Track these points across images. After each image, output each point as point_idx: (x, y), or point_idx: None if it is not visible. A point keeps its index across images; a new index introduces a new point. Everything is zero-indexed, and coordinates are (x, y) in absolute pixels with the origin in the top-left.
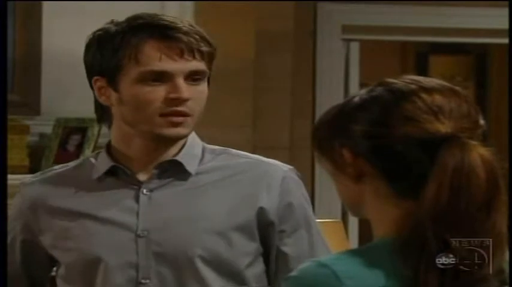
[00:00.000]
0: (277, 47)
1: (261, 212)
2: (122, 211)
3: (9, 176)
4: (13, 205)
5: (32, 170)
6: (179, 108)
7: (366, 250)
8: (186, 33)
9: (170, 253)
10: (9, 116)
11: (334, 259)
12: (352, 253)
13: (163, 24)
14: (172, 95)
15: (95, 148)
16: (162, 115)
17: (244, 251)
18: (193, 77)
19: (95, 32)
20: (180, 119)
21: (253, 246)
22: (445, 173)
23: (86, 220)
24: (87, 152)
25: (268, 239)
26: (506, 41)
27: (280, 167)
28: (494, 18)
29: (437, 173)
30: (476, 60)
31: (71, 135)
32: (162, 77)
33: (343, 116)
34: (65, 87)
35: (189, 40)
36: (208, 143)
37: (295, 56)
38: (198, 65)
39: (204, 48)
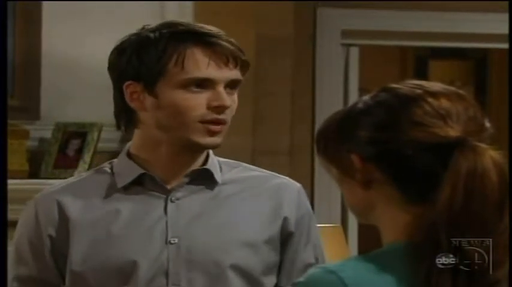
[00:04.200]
0: (276, 51)
1: (285, 223)
2: (151, 218)
3: (9, 181)
4: (26, 217)
5: (32, 175)
6: (220, 117)
7: (375, 256)
8: (227, 41)
9: (201, 260)
10: (9, 121)
11: (342, 265)
12: (361, 259)
13: (206, 32)
14: (215, 103)
15: (95, 152)
16: (201, 122)
17: (270, 263)
18: (231, 85)
19: (129, 36)
20: (218, 127)
21: (277, 257)
22: (459, 177)
23: (115, 229)
24: (87, 157)
25: (285, 249)
26: (505, 45)
27: (292, 181)
28: (493, 23)
29: (450, 177)
30: (476, 65)
31: (71, 140)
32: (204, 84)
33: (350, 121)
34: (65, 92)
35: (232, 48)
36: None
37: (294, 60)
38: (238, 74)
39: (243, 58)
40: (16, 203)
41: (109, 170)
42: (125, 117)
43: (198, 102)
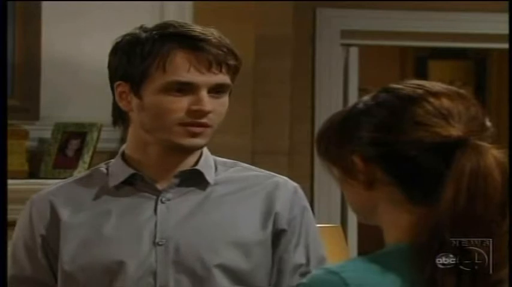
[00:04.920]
0: (276, 52)
1: (276, 218)
2: (141, 219)
3: (9, 181)
4: (22, 217)
5: (31, 175)
6: (200, 120)
7: (378, 257)
8: (215, 45)
9: (188, 261)
10: (9, 121)
11: (344, 266)
12: (363, 259)
13: (193, 35)
14: (194, 107)
15: (94, 153)
16: (181, 124)
17: (262, 264)
18: (217, 89)
19: (124, 36)
20: (199, 129)
21: (269, 258)
22: (462, 177)
23: (105, 229)
24: (86, 157)
25: (276, 248)
26: (505, 46)
27: (290, 181)
28: (493, 23)
29: (454, 177)
30: (476, 65)
31: (70, 140)
32: (186, 88)
33: (351, 122)
34: (64, 92)
35: (218, 53)
36: (207, 148)
37: (294, 61)
38: (224, 78)
39: (231, 62)
40: (16, 203)
41: (105, 171)
42: (119, 116)
43: (178, 106)
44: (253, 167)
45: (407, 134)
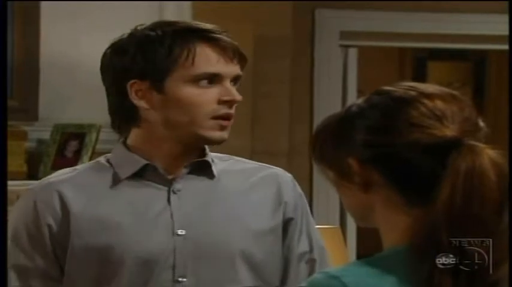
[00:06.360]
0: (275, 52)
1: (285, 208)
2: (155, 210)
3: (8, 182)
4: (24, 208)
5: (30, 176)
6: (230, 111)
7: (377, 260)
8: (228, 37)
9: (208, 251)
10: (7, 122)
11: (344, 270)
12: (363, 263)
13: (207, 28)
14: (226, 97)
15: (93, 153)
16: (214, 118)
17: (275, 251)
18: (234, 80)
19: (126, 37)
20: (226, 122)
21: (280, 245)
22: (458, 177)
23: (120, 221)
24: (85, 158)
25: (284, 236)
26: (504, 47)
27: (285, 171)
28: (492, 24)
29: (449, 177)
30: (475, 67)
31: (69, 142)
32: (213, 80)
33: (346, 125)
34: (63, 93)
35: (236, 44)
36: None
37: (293, 61)
38: (240, 70)
39: (243, 54)
40: (14, 204)
41: (106, 163)
42: (124, 115)
43: (209, 97)
44: (246, 159)
45: (402, 135)
